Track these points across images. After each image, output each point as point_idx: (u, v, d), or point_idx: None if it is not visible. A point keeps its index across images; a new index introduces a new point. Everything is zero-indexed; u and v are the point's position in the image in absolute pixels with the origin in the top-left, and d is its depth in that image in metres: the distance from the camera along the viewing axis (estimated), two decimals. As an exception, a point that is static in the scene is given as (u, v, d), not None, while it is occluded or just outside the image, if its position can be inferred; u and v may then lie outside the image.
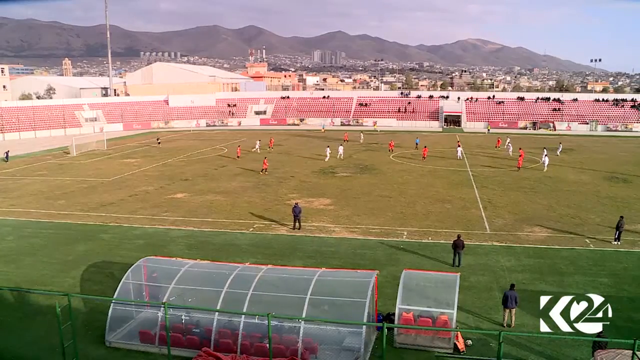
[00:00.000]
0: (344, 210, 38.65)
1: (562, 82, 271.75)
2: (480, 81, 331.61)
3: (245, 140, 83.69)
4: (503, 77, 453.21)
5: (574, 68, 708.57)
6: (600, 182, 50.00)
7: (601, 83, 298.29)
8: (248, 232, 33.41)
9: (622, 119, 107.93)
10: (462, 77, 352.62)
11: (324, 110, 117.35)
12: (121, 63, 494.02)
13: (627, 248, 30.32)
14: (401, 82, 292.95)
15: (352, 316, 18.56)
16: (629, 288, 24.74)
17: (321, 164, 58.84)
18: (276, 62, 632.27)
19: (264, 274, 19.98)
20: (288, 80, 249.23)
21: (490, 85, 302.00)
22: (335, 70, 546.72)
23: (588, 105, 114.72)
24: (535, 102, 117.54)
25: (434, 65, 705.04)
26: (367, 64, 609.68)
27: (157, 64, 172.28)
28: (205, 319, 18.94)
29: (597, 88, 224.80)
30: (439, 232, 33.06)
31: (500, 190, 45.75)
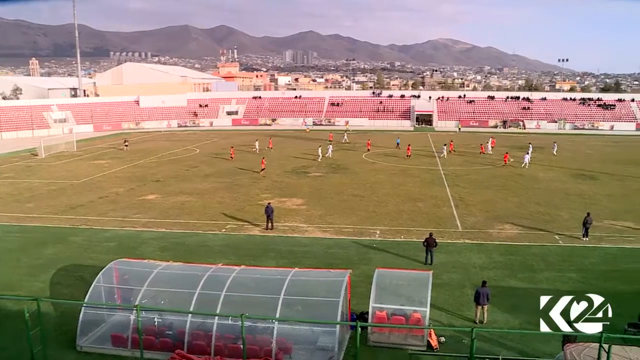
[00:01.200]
0: (317, 210, 38.72)
1: (531, 81, 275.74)
2: (451, 80, 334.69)
3: (216, 140, 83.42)
4: (473, 77, 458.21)
5: (542, 68, 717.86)
6: (568, 180, 50.88)
7: (569, 82, 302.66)
8: (221, 233, 33.29)
9: (589, 117, 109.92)
10: (433, 76, 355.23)
11: (296, 110, 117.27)
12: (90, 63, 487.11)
13: (595, 244, 30.99)
14: (373, 81, 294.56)
15: (326, 316, 18.60)
16: (596, 282, 25.22)
17: (293, 164, 58.84)
18: (248, 62, 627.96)
19: (237, 274, 19.92)
20: (260, 80, 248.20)
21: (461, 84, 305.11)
22: (307, 70, 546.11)
23: (556, 104, 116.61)
24: (505, 101, 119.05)
25: (405, 65, 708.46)
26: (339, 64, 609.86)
27: (127, 64, 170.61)
28: (179, 321, 18.82)
29: (565, 87, 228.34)
30: (411, 230, 33.31)
31: (472, 188, 46.26)
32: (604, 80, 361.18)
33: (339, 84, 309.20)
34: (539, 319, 21.39)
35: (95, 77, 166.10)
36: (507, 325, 20.89)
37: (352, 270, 21.17)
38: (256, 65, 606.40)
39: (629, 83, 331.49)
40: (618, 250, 30.22)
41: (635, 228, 34.37)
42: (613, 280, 25.45)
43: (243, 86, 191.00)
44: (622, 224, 35.35)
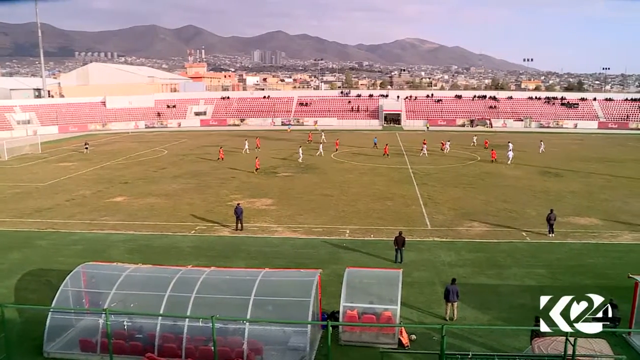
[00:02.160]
0: (286, 210, 38.71)
1: (497, 80, 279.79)
2: (419, 80, 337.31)
3: (185, 140, 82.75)
4: (441, 76, 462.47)
5: (508, 67, 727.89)
6: (534, 177, 51.76)
7: (534, 82, 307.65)
8: (190, 234, 33.08)
9: (553, 115, 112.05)
10: (401, 76, 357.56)
11: (264, 110, 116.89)
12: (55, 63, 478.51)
13: (560, 240, 31.63)
14: (341, 81, 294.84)
15: (297, 316, 18.61)
16: (562, 277, 25.80)
17: (263, 164, 58.63)
18: (216, 62, 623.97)
19: (207, 276, 19.83)
20: (228, 80, 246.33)
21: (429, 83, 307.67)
22: (276, 70, 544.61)
23: (522, 102, 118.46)
24: (472, 100, 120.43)
25: (373, 65, 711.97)
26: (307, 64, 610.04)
27: (93, 64, 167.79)
28: (149, 324, 18.65)
29: (530, 86, 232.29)
30: (380, 229, 33.51)
31: (440, 186, 46.72)
32: (568, 80, 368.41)
33: (308, 83, 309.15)
34: (507, 314, 21.84)
35: (60, 78, 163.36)
36: (477, 321, 21.17)
37: (322, 270, 21.20)
38: (224, 65, 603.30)
39: (591, 82, 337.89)
40: (583, 245, 30.86)
41: (599, 224, 35.16)
42: (579, 275, 26.03)
43: (211, 86, 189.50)
44: (587, 220, 36.15)
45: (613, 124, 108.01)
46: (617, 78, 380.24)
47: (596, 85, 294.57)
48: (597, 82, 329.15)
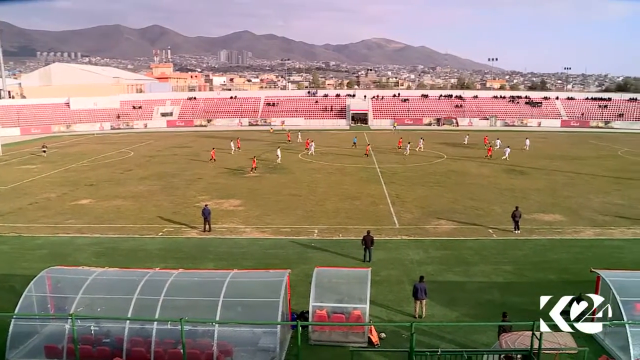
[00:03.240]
0: (254, 210, 38.59)
1: (463, 79, 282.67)
2: (385, 79, 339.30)
3: (151, 142, 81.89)
4: (407, 76, 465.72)
5: (473, 67, 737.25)
6: (500, 175, 52.55)
7: (498, 81, 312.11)
8: (157, 236, 32.73)
9: (518, 114, 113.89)
10: (367, 75, 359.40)
11: (231, 110, 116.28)
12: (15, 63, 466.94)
13: (526, 236, 32.20)
14: (308, 81, 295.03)
15: (266, 316, 18.56)
16: (528, 273, 26.27)
17: (229, 164, 58.40)
18: (182, 63, 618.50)
19: (175, 278, 19.65)
20: (194, 80, 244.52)
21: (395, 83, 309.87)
22: (242, 70, 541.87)
23: (487, 101, 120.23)
24: (438, 99, 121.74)
25: (340, 64, 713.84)
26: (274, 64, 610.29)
27: (56, 64, 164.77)
28: (116, 328, 18.38)
29: (495, 85, 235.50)
30: (349, 228, 33.61)
31: (408, 185, 47.09)
32: (531, 79, 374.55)
33: (275, 84, 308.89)
34: (475, 310, 22.12)
35: (21, 78, 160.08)
36: (445, 318, 21.40)
37: (291, 270, 21.21)
38: (190, 65, 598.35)
39: (554, 82, 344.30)
40: (547, 241, 31.45)
41: (563, 220, 35.87)
42: (544, 271, 26.54)
43: (177, 87, 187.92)
44: (551, 216, 36.86)
45: (575, 122, 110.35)
46: (578, 78, 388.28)
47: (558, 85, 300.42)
48: (559, 81, 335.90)
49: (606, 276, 19.59)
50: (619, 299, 18.20)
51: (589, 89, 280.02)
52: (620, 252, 29.69)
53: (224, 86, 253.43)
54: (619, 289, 18.59)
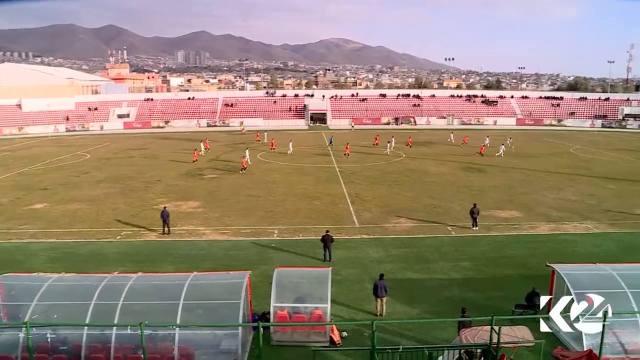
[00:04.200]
0: (214, 212, 38.32)
1: (420, 79, 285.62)
2: (343, 79, 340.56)
3: (108, 144, 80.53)
4: (365, 75, 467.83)
5: (430, 66, 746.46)
6: (458, 173, 53.33)
7: (455, 80, 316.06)
8: (115, 240, 32.18)
9: (474, 113, 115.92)
10: (326, 75, 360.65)
11: (189, 111, 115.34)
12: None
13: (484, 233, 32.76)
14: (266, 81, 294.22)
15: (227, 318, 18.46)
16: (486, 269, 26.75)
17: (187, 166, 57.84)
18: (138, 63, 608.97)
19: (134, 282, 19.36)
20: (151, 81, 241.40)
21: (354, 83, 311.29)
22: (200, 70, 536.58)
23: (444, 100, 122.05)
24: (396, 99, 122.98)
25: (298, 65, 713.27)
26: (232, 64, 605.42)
27: (5, 64, 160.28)
28: (74, 335, 17.99)
29: (452, 85, 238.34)
30: (308, 228, 33.64)
31: (367, 184, 47.37)
32: (487, 79, 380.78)
33: (233, 84, 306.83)
34: (435, 307, 22.39)
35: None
36: (406, 315, 21.59)
37: (251, 271, 21.14)
38: (147, 66, 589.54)
39: (509, 81, 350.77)
40: (505, 237, 32.07)
41: (519, 216, 36.63)
42: (501, 267, 27.04)
43: (134, 88, 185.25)
44: (508, 212, 37.59)
45: (529, 120, 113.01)
46: (532, 77, 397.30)
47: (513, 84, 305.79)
48: (514, 80, 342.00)
49: (561, 270, 20.09)
50: (573, 292, 18.65)
51: (542, 88, 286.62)
52: (574, 246, 30.48)
53: (182, 87, 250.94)
54: (572, 282, 19.07)
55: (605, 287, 19.20)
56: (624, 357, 17.69)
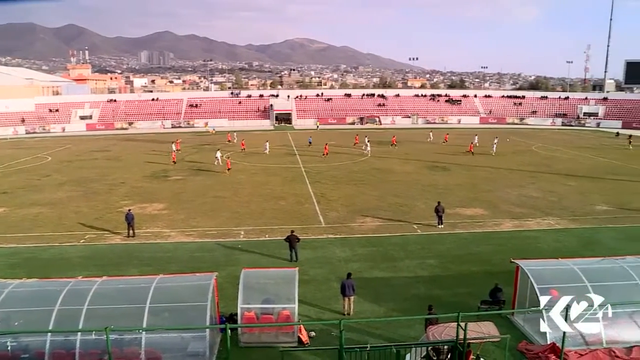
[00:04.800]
0: (179, 213, 37.96)
1: (385, 79, 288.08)
2: (308, 79, 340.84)
3: (70, 146, 79.10)
4: (330, 75, 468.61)
5: (395, 66, 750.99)
6: (423, 171, 53.83)
7: (419, 80, 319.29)
8: (79, 244, 31.62)
9: (439, 112, 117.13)
10: (291, 75, 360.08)
11: (153, 112, 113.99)
12: None
13: (449, 230, 33.14)
14: (231, 82, 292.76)
15: (195, 320, 18.33)
16: (452, 266, 27.07)
17: (153, 168, 57.20)
18: (101, 64, 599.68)
19: (99, 286, 19.08)
20: (114, 82, 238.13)
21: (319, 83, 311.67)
22: (164, 71, 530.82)
23: (409, 100, 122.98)
24: (361, 99, 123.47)
25: (263, 65, 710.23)
26: (197, 64, 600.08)
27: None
28: (36, 342, 17.58)
29: (416, 84, 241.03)
30: (275, 229, 33.57)
31: (333, 184, 47.48)
32: (451, 78, 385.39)
33: (197, 85, 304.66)
34: (402, 305, 22.56)
35: None
36: (374, 314, 21.70)
37: (218, 273, 21.03)
38: (110, 67, 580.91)
39: (472, 80, 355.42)
40: (469, 234, 32.51)
41: (484, 214, 37.15)
42: (467, 264, 27.40)
43: (96, 89, 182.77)
44: (472, 210, 38.11)
45: (492, 119, 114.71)
46: (495, 76, 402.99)
47: (476, 83, 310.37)
48: (477, 79, 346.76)
49: (524, 266, 20.46)
50: (537, 287, 19.03)
51: (504, 87, 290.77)
52: (537, 242, 31.08)
53: (145, 88, 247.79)
54: (536, 278, 19.46)
55: (567, 281, 19.72)
56: (585, 348, 18.12)
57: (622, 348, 18.17)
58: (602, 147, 76.44)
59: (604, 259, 22.77)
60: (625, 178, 50.73)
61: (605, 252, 27.19)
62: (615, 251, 27.21)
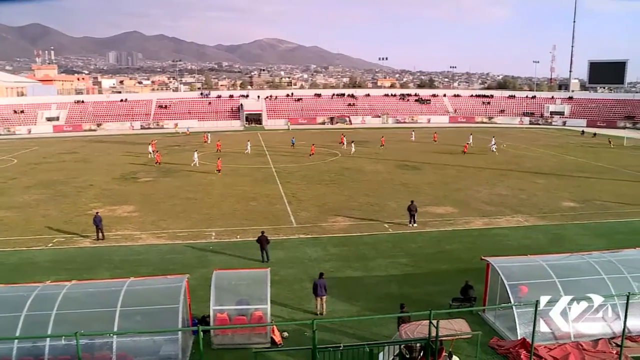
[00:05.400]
0: (149, 215, 37.58)
1: (355, 78, 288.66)
2: (278, 79, 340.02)
3: (37, 148, 77.76)
4: (300, 75, 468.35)
5: (364, 66, 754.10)
6: (394, 171, 54.12)
7: (389, 79, 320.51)
8: (47, 247, 31.06)
9: (408, 111, 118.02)
10: (261, 76, 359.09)
11: (122, 114, 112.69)
12: None
13: (420, 229, 33.41)
14: (201, 82, 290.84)
15: (167, 323, 18.14)
16: (424, 265, 27.29)
17: (122, 170, 56.53)
18: (67, 64, 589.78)
19: (68, 290, 18.78)
20: (82, 83, 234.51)
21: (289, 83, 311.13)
22: (133, 72, 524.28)
23: (379, 100, 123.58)
24: (331, 98, 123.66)
25: (233, 65, 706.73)
26: (166, 65, 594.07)
27: None
28: (3, 349, 17.20)
29: (386, 84, 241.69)
30: (246, 230, 33.46)
31: (304, 184, 47.48)
32: (420, 77, 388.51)
33: (166, 85, 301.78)
34: (375, 304, 22.65)
35: None
36: (346, 313, 21.74)
37: (189, 275, 20.89)
38: (77, 67, 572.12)
39: (441, 80, 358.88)
40: (440, 233, 32.79)
41: (454, 212, 37.52)
42: (438, 262, 27.64)
43: (63, 90, 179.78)
44: (443, 208, 38.45)
45: (462, 118, 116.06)
46: (463, 76, 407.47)
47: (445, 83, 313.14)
48: (446, 79, 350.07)
49: (495, 263, 20.73)
50: (507, 284, 19.30)
51: (473, 86, 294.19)
52: (507, 239, 31.52)
53: (114, 89, 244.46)
54: (506, 274, 19.74)
55: (536, 277, 20.09)
56: (554, 343, 18.44)
57: (589, 341, 18.54)
58: (569, 145, 77.79)
59: (571, 255, 23.16)
60: (590, 175, 51.78)
61: (573, 248, 27.66)
62: (581, 247, 27.76)
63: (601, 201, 40.90)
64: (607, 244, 28.44)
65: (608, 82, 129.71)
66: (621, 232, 32.93)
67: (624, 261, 21.32)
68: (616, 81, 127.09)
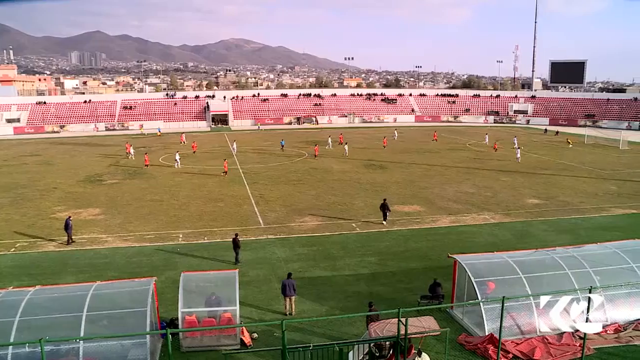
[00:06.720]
0: (115, 218, 37.08)
1: (321, 78, 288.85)
2: (245, 80, 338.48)
3: None
4: (267, 75, 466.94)
5: (330, 66, 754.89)
6: (360, 170, 54.36)
7: (355, 79, 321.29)
8: (9, 252, 30.36)
9: (375, 111, 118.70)
10: (227, 76, 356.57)
11: (86, 115, 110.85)
12: None
13: (388, 228, 33.71)
14: (166, 83, 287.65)
15: (134, 327, 17.92)
16: (391, 263, 27.48)
17: (86, 172, 55.62)
18: (28, 65, 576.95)
19: (32, 296, 18.43)
20: (43, 84, 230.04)
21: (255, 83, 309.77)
22: (96, 72, 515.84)
23: (345, 99, 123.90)
24: (298, 99, 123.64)
25: (198, 65, 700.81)
26: (130, 65, 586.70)
27: None
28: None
29: (352, 84, 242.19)
30: (214, 231, 33.29)
31: (271, 184, 47.39)
32: (386, 77, 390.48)
33: (131, 86, 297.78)
34: (344, 303, 22.73)
35: None
36: (315, 313, 21.78)
37: (157, 277, 20.73)
38: (38, 67, 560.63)
39: (407, 79, 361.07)
40: (408, 231, 33.08)
41: (421, 210, 37.85)
42: (406, 260, 27.87)
43: (24, 91, 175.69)
44: (410, 207, 38.79)
45: (428, 117, 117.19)
46: (429, 75, 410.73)
47: (411, 82, 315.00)
48: (412, 79, 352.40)
49: (462, 260, 20.98)
50: (474, 280, 19.55)
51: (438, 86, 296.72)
52: (474, 236, 31.94)
53: (77, 90, 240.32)
54: (473, 271, 19.98)
55: (502, 274, 20.39)
56: (520, 337, 18.75)
57: (554, 335, 18.90)
58: (532, 143, 79.06)
59: (536, 251, 23.60)
60: (553, 172, 52.81)
61: (537, 244, 28.24)
62: (546, 243, 28.37)
63: (564, 198, 41.73)
64: (571, 240, 29.04)
65: (568, 81, 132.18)
66: (583, 227, 33.71)
67: (586, 256, 21.85)
68: (576, 81, 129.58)
